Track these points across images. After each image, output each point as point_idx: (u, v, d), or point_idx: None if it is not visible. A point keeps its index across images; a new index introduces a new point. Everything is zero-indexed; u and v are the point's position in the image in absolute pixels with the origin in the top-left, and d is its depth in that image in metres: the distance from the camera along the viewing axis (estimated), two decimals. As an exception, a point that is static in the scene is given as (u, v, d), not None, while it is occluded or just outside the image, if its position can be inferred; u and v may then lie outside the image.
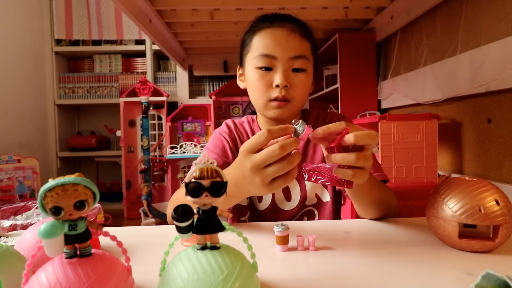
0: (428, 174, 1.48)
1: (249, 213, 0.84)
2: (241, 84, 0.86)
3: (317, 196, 0.83)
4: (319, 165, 0.55)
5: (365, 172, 0.51)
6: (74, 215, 0.34)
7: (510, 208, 0.50)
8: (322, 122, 0.88)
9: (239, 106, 3.11)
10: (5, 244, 0.41)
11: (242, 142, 0.85)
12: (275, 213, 0.83)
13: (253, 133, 0.87)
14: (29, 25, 2.84)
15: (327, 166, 0.54)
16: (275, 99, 0.76)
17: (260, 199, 0.84)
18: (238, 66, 0.87)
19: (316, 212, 0.84)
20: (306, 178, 0.55)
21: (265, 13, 0.83)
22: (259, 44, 0.77)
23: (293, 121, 0.50)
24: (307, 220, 0.84)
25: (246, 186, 0.53)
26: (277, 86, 0.74)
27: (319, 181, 0.54)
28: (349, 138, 0.49)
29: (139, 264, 0.48)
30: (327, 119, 0.88)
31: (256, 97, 0.79)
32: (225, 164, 0.78)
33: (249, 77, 0.80)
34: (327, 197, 0.84)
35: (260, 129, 0.87)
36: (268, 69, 0.76)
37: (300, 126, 0.50)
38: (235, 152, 0.83)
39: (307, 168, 0.55)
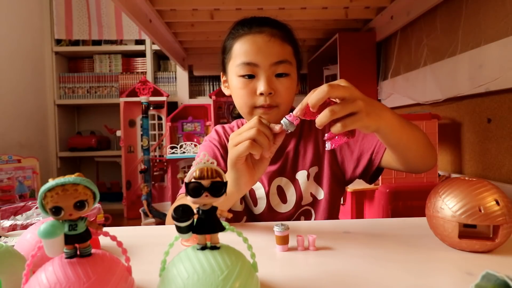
0: (428, 174, 1.48)
1: (245, 217, 0.84)
2: (226, 91, 0.87)
3: (312, 195, 0.83)
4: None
5: (358, 116, 0.51)
6: (74, 215, 0.34)
7: (510, 208, 0.50)
8: (309, 125, 0.88)
9: (239, 106, 3.11)
10: (5, 244, 0.41)
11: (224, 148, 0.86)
12: (271, 216, 0.83)
13: None
14: (29, 25, 2.84)
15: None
16: (261, 107, 0.76)
17: (255, 203, 0.83)
18: (221, 73, 0.87)
19: (312, 211, 0.84)
20: (328, 147, 0.57)
21: (243, 18, 0.82)
22: (239, 52, 0.76)
23: (282, 125, 0.57)
24: (304, 219, 0.84)
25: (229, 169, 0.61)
26: (261, 94, 0.74)
27: (338, 144, 0.56)
28: (311, 104, 0.51)
29: (139, 264, 0.48)
30: (314, 120, 0.88)
31: (241, 104, 0.79)
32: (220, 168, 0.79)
33: (233, 85, 0.80)
34: (321, 194, 0.83)
35: None
36: (251, 76, 0.75)
37: (286, 124, 0.56)
38: (226, 158, 0.83)
39: (325, 138, 0.57)
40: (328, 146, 0.56)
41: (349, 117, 0.51)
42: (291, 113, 0.55)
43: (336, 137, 0.55)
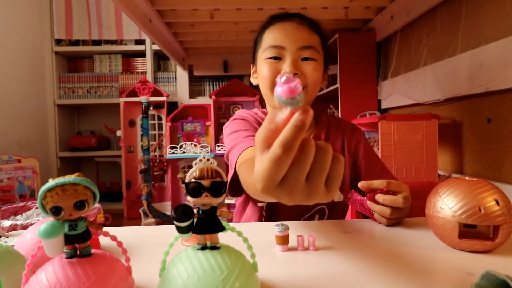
0: (428, 174, 1.48)
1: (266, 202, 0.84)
2: (253, 81, 0.88)
3: None
4: (365, 197, 0.68)
5: (399, 220, 0.66)
6: (74, 215, 0.34)
7: (510, 208, 0.50)
8: (335, 129, 0.89)
9: (239, 106, 3.11)
10: (5, 244, 0.41)
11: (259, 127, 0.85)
12: (290, 206, 0.82)
13: None
14: (29, 25, 2.84)
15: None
16: None
17: None
18: (251, 65, 0.88)
19: (326, 211, 0.85)
20: (350, 203, 0.69)
21: (273, 14, 0.84)
22: (268, 38, 0.79)
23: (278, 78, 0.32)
24: (318, 218, 0.85)
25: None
26: None
27: (360, 209, 0.68)
28: (388, 202, 0.64)
29: (139, 264, 0.48)
30: (341, 127, 0.90)
31: (265, 86, 0.79)
32: None
33: (260, 69, 0.81)
34: (339, 197, 0.85)
35: None
36: (277, 58, 0.77)
37: (286, 102, 0.31)
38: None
39: (354, 197, 0.69)
40: (350, 201, 0.69)
41: (394, 219, 0.65)
42: (285, 82, 0.31)
43: (365, 207, 0.67)
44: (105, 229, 0.37)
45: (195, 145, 2.84)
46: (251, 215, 0.85)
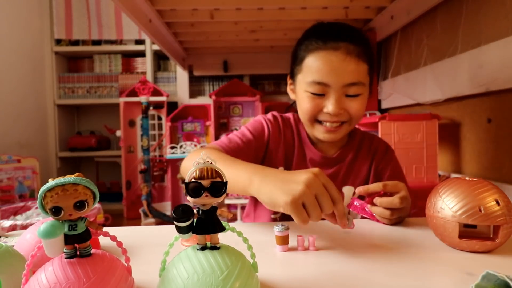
0: (428, 174, 1.48)
1: None
2: (291, 95, 0.86)
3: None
4: (364, 202, 0.70)
5: (401, 219, 0.68)
6: (74, 215, 0.34)
7: (510, 208, 0.50)
8: (367, 149, 0.87)
9: (239, 106, 3.11)
10: (5, 244, 0.41)
11: (285, 135, 0.85)
12: None
13: (298, 130, 0.87)
14: (29, 25, 2.84)
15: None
16: (325, 124, 0.76)
17: None
18: (288, 76, 0.86)
19: None
20: (352, 207, 0.71)
21: (318, 24, 0.80)
22: (312, 68, 0.74)
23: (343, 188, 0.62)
24: None
25: (274, 186, 0.55)
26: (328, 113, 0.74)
27: (361, 213, 0.70)
28: (385, 205, 0.65)
29: (139, 264, 0.48)
30: (372, 148, 0.88)
31: (304, 117, 0.79)
32: (257, 147, 0.81)
33: (300, 97, 0.79)
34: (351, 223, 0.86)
35: (306, 132, 0.86)
36: (320, 94, 0.74)
37: (347, 191, 0.62)
38: (272, 140, 0.84)
39: (355, 203, 0.71)
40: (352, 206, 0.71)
41: (396, 218, 0.67)
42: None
43: (366, 211, 0.69)
44: (105, 229, 0.37)
45: (195, 145, 2.84)
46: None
